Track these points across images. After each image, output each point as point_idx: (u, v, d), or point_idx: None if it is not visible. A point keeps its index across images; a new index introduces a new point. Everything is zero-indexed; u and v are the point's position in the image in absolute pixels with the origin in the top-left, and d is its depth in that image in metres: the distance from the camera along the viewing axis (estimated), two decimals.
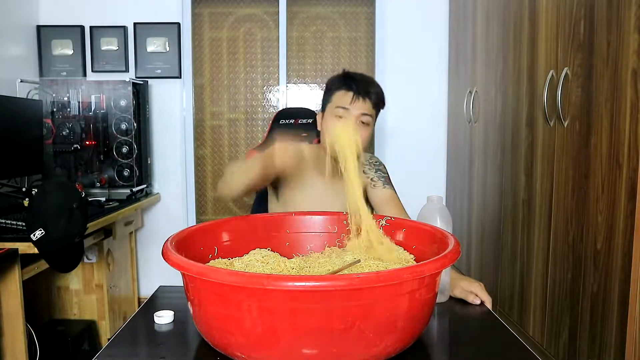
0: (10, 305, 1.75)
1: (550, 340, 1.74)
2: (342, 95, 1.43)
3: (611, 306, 1.40)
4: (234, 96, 3.14)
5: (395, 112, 3.10)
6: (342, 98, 1.43)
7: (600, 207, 1.44)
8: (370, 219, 1.15)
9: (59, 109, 2.71)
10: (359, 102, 1.41)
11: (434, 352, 0.97)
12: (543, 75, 1.79)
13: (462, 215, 2.77)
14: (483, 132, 2.43)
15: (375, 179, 1.52)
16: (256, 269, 1.03)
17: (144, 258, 3.11)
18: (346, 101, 1.41)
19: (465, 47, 2.70)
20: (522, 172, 1.98)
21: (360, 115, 1.41)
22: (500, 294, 2.18)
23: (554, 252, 1.72)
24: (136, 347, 1.00)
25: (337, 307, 0.79)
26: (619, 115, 1.36)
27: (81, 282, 2.53)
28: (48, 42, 3.01)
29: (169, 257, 0.89)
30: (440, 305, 1.15)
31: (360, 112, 1.41)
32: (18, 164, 2.37)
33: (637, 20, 1.29)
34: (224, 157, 3.18)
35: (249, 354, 0.84)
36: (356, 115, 1.41)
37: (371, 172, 1.53)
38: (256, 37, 3.11)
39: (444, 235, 1.02)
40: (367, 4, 3.08)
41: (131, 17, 3.03)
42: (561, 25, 1.67)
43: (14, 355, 1.77)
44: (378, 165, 1.56)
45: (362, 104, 1.41)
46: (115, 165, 2.74)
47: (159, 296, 1.24)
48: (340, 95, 1.44)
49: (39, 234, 1.70)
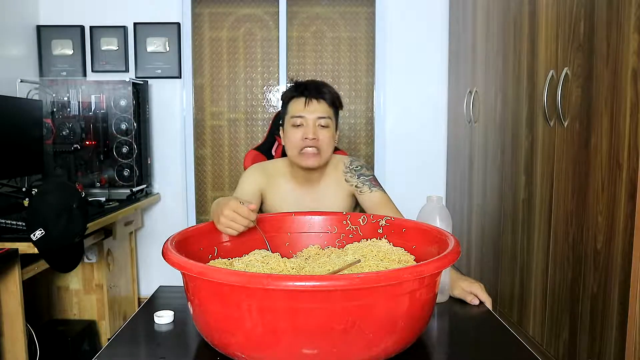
0: (10, 305, 1.74)
1: (550, 340, 1.74)
2: (295, 103, 1.45)
3: (611, 306, 1.39)
4: (234, 96, 3.14)
5: (395, 112, 3.10)
6: (296, 106, 1.45)
7: (600, 207, 1.44)
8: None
9: (59, 109, 2.71)
10: (313, 104, 1.43)
11: (434, 352, 0.97)
12: (543, 75, 1.79)
13: (462, 215, 2.77)
14: (483, 132, 2.43)
15: (359, 185, 1.51)
16: (256, 269, 1.03)
17: (144, 258, 3.11)
18: (300, 108, 1.43)
19: (465, 47, 2.70)
20: (522, 172, 1.98)
21: (316, 119, 1.43)
22: (500, 294, 2.18)
23: (554, 252, 1.72)
24: (136, 347, 1.00)
25: (337, 307, 0.79)
26: (619, 115, 1.36)
27: (81, 282, 2.53)
28: (48, 42, 3.01)
29: (169, 257, 0.89)
30: (440, 305, 1.15)
31: (317, 116, 1.43)
32: (18, 164, 2.37)
33: (637, 20, 1.29)
34: (224, 157, 3.18)
35: (249, 354, 0.84)
36: (313, 120, 1.42)
37: (353, 179, 1.53)
38: (256, 37, 3.11)
39: (444, 236, 1.02)
40: (367, 4, 3.08)
41: (131, 17, 3.03)
42: (561, 25, 1.67)
43: (14, 355, 1.77)
44: (360, 170, 1.54)
45: (316, 106, 1.43)
46: (115, 165, 2.74)
47: (159, 296, 1.24)
48: (294, 104, 1.46)
49: (39, 234, 1.70)
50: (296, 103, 1.46)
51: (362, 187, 1.51)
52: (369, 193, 1.49)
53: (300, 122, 1.43)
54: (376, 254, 1.07)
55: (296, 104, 1.45)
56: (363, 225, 1.22)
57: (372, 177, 1.55)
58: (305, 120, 1.43)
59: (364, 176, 1.53)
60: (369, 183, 1.52)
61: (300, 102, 1.45)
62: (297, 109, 1.44)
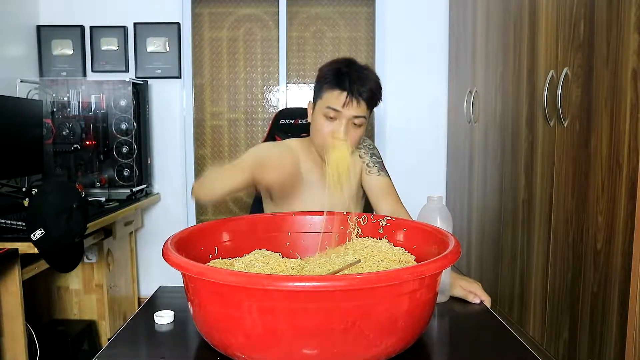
0: (10, 305, 1.74)
1: (550, 340, 1.74)
2: (334, 95, 1.32)
3: (611, 306, 1.39)
4: (234, 96, 3.14)
5: (395, 112, 3.10)
6: (334, 99, 1.32)
7: (600, 207, 1.44)
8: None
9: (59, 109, 2.71)
10: (353, 105, 1.31)
11: (434, 352, 0.97)
12: (543, 75, 1.79)
13: (462, 215, 2.77)
14: (483, 132, 2.43)
15: (370, 165, 1.46)
16: (256, 269, 1.03)
17: (144, 258, 3.11)
18: (338, 103, 1.31)
19: (465, 47, 2.70)
20: (522, 172, 1.98)
21: (352, 118, 1.33)
22: (500, 294, 2.18)
23: (554, 252, 1.72)
24: (136, 347, 1.00)
25: (338, 308, 0.79)
26: (619, 115, 1.36)
27: (81, 282, 2.53)
28: (48, 42, 3.01)
29: (169, 257, 0.89)
30: (440, 305, 1.15)
31: (353, 115, 1.32)
32: (18, 164, 2.37)
33: (637, 20, 1.29)
34: (224, 157, 3.18)
35: (249, 354, 0.84)
36: (348, 118, 1.32)
37: (367, 156, 1.47)
38: (256, 37, 3.11)
39: (444, 236, 1.02)
40: (367, 4, 3.08)
41: (131, 17, 3.03)
42: (561, 26, 1.67)
43: (14, 355, 1.77)
44: (372, 149, 1.50)
45: (355, 107, 1.31)
46: (115, 165, 2.74)
47: (159, 296, 1.24)
48: (332, 95, 1.32)
49: (39, 234, 1.70)
50: (335, 95, 1.31)
51: (372, 167, 1.45)
52: (376, 176, 1.44)
53: (334, 116, 1.32)
54: (376, 254, 1.07)
55: (334, 97, 1.31)
56: (363, 225, 1.22)
57: (381, 161, 1.50)
58: (340, 116, 1.32)
59: (375, 156, 1.48)
60: (379, 166, 1.47)
61: (340, 97, 1.31)
62: (335, 102, 1.31)
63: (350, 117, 1.32)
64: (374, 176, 1.45)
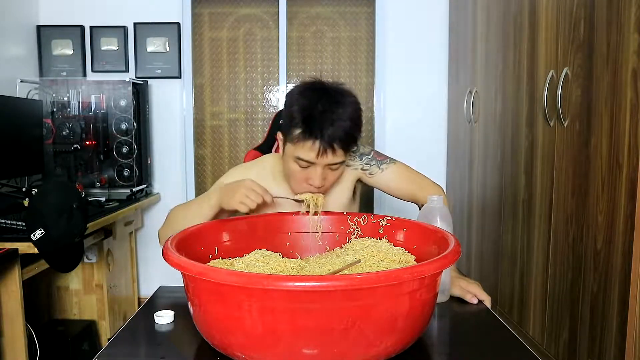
0: (10, 306, 1.74)
1: (550, 340, 1.74)
2: (306, 146, 1.17)
3: (611, 306, 1.39)
4: (234, 96, 3.14)
5: (395, 112, 3.10)
6: (307, 151, 1.17)
7: (600, 207, 1.44)
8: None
9: (59, 109, 2.71)
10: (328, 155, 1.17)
11: (434, 352, 0.97)
12: (543, 75, 1.79)
13: (462, 215, 2.77)
14: (483, 132, 2.43)
15: (366, 167, 1.36)
16: (256, 269, 1.03)
17: (144, 258, 3.11)
18: (312, 155, 1.18)
19: (465, 47, 2.70)
20: (522, 172, 1.98)
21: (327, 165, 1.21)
22: (500, 294, 2.18)
23: (554, 252, 1.72)
24: (136, 347, 1.00)
25: (338, 308, 0.79)
26: (619, 115, 1.36)
27: (81, 282, 2.52)
28: (48, 42, 3.01)
29: (169, 257, 0.89)
30: (440, 305, 1.15)
31: (328, 163, 1.20)
32: (18, 164, 2.37)
33: (637, 20, 1.29)
34: (224, 157, 3.18)
35: (249, 354, 0.84)
36: (322, 166, 1.21)
37: (356, 162, 1.37)
38: (256, 37, 3.11)
39: (444, 235, 1.02)
40: (367, 4, 3.08)
41: (131, 17, 3.03)
42: (561, 26, 1.67)
43: (14, 355, 1.77)
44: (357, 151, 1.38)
45: (330, 157, 1.18)
46: (115, 165, 2.74)
47: (159, 296, 1.24)
48: (304, 146, 1.17)
49: (39, 234, 1.70)
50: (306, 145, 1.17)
51: (369, 168, 1.36)
52: (380, 173, 1.36)
53: (307, 166, 1.21)
54: (376, 254, 1.07)
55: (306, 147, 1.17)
56: (364, 225, 1.22)
57: (373, 152, 1.39)
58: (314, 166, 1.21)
59: (365, 156, 1.37)
60: (375, 161, 1.36)
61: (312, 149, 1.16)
62: (307, 154, 1.18)
63: (324, 164, 1.21)
64: (378, 175, 1.37)
